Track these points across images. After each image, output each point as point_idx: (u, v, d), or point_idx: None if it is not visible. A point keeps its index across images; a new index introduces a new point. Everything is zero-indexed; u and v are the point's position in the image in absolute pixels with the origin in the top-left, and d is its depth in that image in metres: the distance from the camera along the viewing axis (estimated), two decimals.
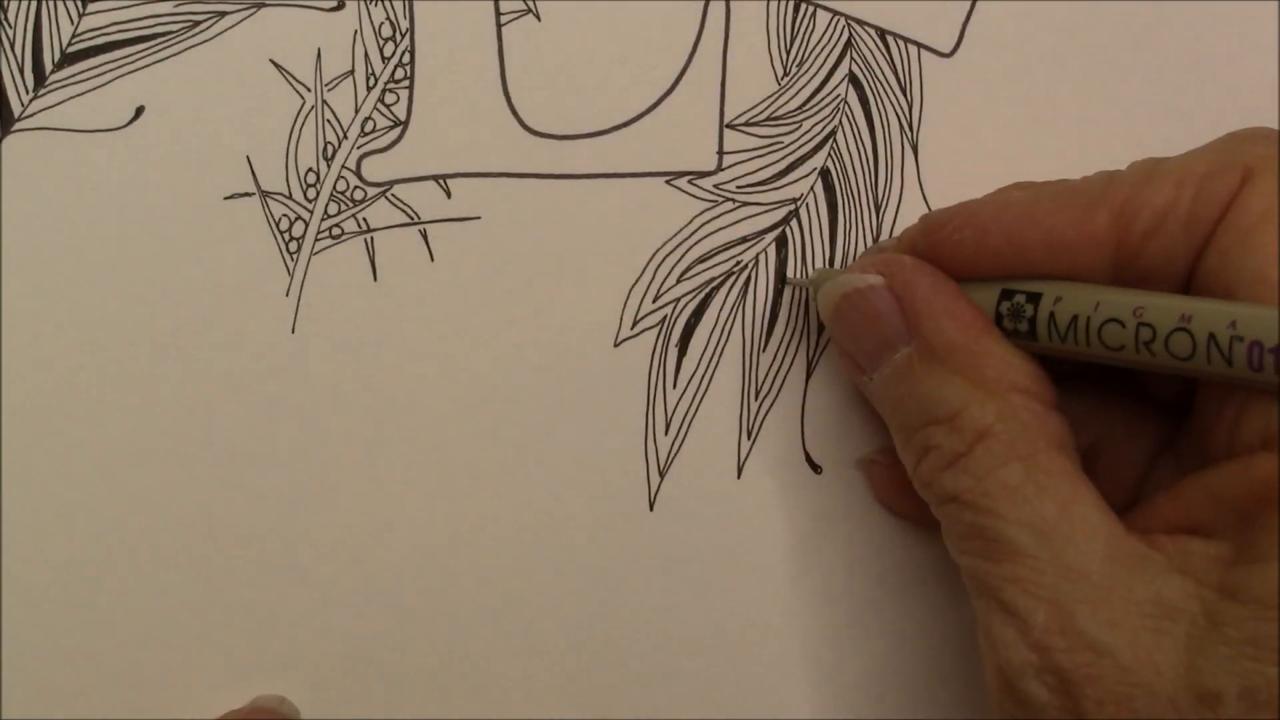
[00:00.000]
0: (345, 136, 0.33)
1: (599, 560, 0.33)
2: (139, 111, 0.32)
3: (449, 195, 0.33)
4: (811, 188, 0.34)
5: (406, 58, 0.33)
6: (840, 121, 0.34)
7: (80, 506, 0.32)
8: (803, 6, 0.34)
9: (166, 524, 0.32)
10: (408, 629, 0.33)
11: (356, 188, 0.33)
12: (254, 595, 0.32)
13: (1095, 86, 0.35)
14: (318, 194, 0.33)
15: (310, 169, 0.33)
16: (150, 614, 0.32)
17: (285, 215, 0.32)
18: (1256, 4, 0.35)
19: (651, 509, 0.34)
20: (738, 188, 0.34)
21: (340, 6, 0.33)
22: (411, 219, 0.33)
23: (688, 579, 0.34)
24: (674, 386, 0.34)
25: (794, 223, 0.34)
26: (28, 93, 0.32)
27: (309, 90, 0.33)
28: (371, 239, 0.33)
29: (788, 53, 0.34)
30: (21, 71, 0.32)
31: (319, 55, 0.33)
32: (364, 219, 0.33)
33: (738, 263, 0.34)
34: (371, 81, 0.33)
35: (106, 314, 0.32)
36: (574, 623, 0.33)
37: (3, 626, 0.32)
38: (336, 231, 0.33)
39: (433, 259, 0.33)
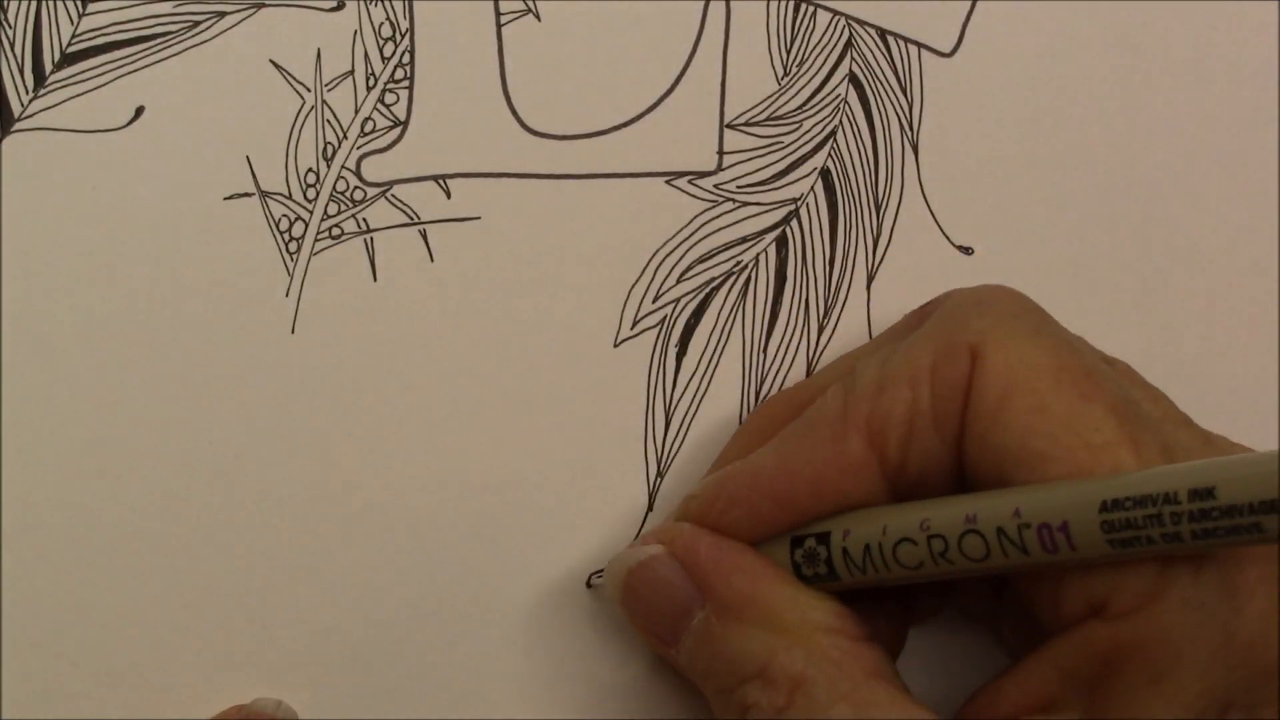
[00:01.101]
0: (345, 137, 0.33)
1: (599, 560, 0.33)
2: (139, 112, 0.32)
3: (449, 195, 0.33)
4: (812, 188, 0.34)
5: (406, 58, 0.33)
6: (840, 121, 0.34)
7: (80, 506, 0.32)
8: (803, 6, 0.34)
9: (166, 524, 0.32)
10: (407, 628, 0.33)
11: (356, 188, 0.33)
12: (253, 595, 0.32)
13: (1095, 86, 0.35)
14: (317, 194, 0.33)
15: (310, 169, 0.33)
16: (150, 614, 0.32)
17: (285, 215, 0.32)
18: (1256, 4, 0.35)
19: (651, 508, 0.33)
20: (738, 188, 0.34)
21: (340, 6, 0.33)
22: (411, 219, 0.33)
23: None
24: (674, 386, 0.34)
25: (794, 223, 0.34)
26: (28, 93, 0.32)
27: (309, 90, 0.33)
28: (371, 239, 0.33)
29: (788, 53, 0.34)
30: (21, 72, 0.32)
31: (319, 55, 0.33)
32: (364, 219, 0.33)
33: (738, 263, 0.34)
34: (371, 81, 0.33)
35: (106, 314, 0.32)
36: (574, 623, 0.33)
37: (3, 626, 0.32)
38: (336, 232, 0.33)
39: (432, 259, 0.33)
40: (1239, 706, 0.26)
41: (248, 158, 0.32)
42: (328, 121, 0.33)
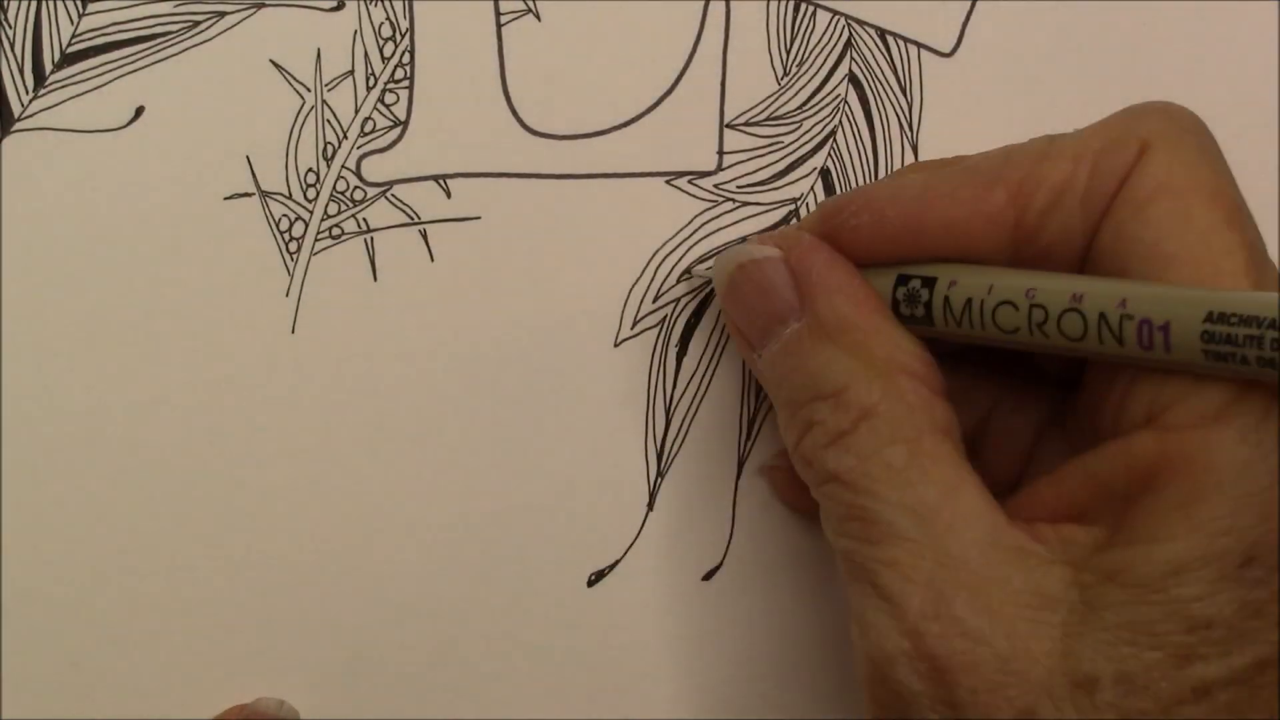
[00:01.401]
0: (345, 136, 0.33)
1: (599, 559, 0.33)
2: (139, 112, 0.32)
3: (449, 195, 0.33)
4: (812, 188, 0.34)
5: (406, 58, 0.33)
6: (840, 121, 0.34)
7: (80, 507, 0.32)
8: (803, 6, 0.34)
9: (166, 524, 0.32)
10: (408, 628, 0.33)
11: (356, 188, 0.33)
12: (254, 596, 0.32)
13: (1095, 86, 0.35)
14: (318, 194, 0.33)
15: (310, 169, 0.33)
16: (150, 614, 0.32)
17: (285, 215, 0.32)
18: (1256, 4, 0.35)
19: (651, 508, 0.34)
20: (738, 188, 0.34)
21: (340, 7, 0.33)
22: (411, 219, 0.33)
23: (687, 577, 0.34)
24: (674, 386, 0.34)
25: (794, 222, 0.34)
26: (28, 93, 0.32)
27: (309, 90, 0.32)
28: (371, 239, 0.33)
29: (788, 52, 0.34)
30: (21, 71, 0.32)
31: (319, 55, 0.33)
32: (364, 219, 0.33)
33: None
34: (371, 81, 0.33)
35: (106, 315, 0.32)
36: (573, 622, 0.33)
37: (2, 626, 0.32)
38: (336, 232, 0.33)
39: (433, 259, 0.33)
40: (1260, 565, 0.25)
41: (248, 157, 0.32)
42: (328, 121, 0.33)
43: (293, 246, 0.33)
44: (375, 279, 0.33)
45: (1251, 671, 0.25)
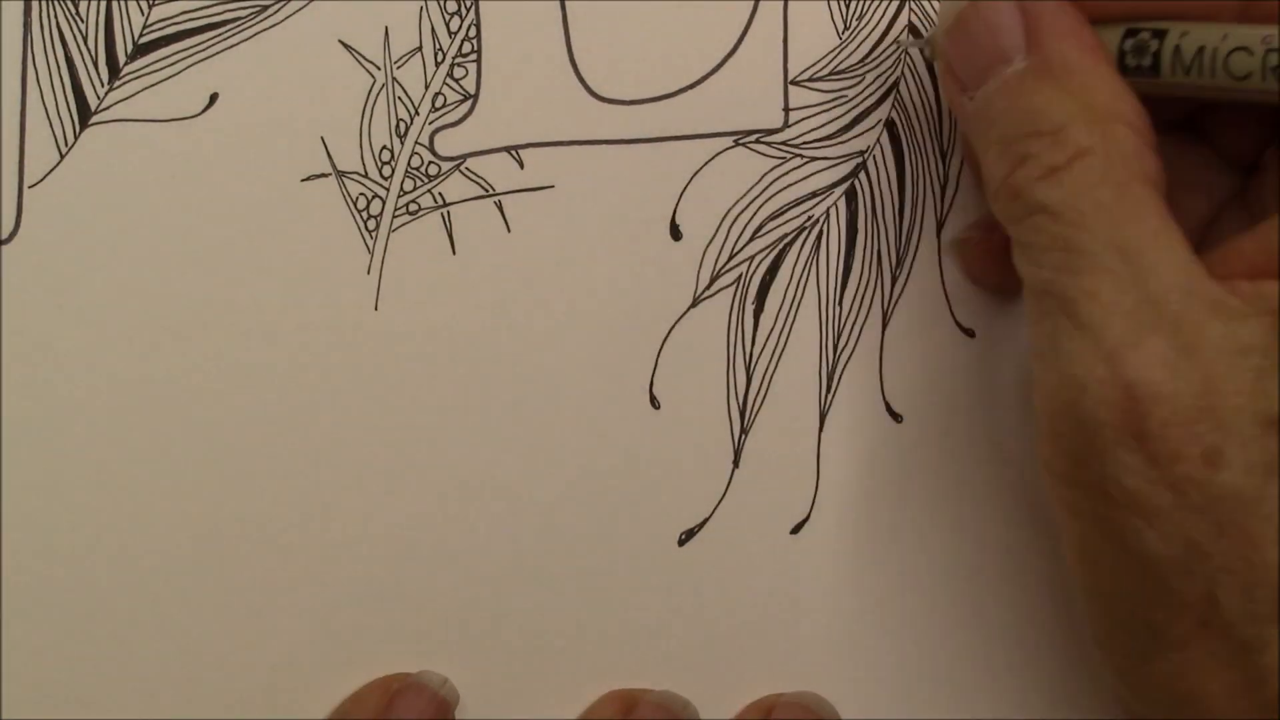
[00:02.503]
0: (417, 113, 0.33)
1: (689, 518, 0.34)
2: (213, 98, 0.32)
3: (521, 166, 0.33)
4: (878, 139, 0.34)
5: (472, 31, 0.33)
6: (903, 72, 0.34)
7: (173, 486, 0.32)
8: None
9: (258, 504, 0.32)
10: (502, 596, 0.33)
11: (431, 163, 0.33)
12: (355, 569, 0.33)
13: None
14: (393, 171, 0.33)
15: (384, 147, 0.33)
16: (244, 601, 0.32)
17: (362, 194, 0.33)
18: None
19: (736, 465, 0.34)
20: (805, 143, 0.34)
21: None
22: (486, 191, 0.33)
23: (776, 532, 0.34)
24: (753, 343, 0.34)
25: (862, 175, 0.34)
26: (104, 85, 0.32)
27: (379, 69, 0.33)
28: (448, 213, 0.33)
29: (847, 6, 0.34)
30: (96, 65, 0.32)
31: (386, 33, 0.33)
32: (439, 193, 0.33)
33: (809, 218, 0.34)
34: (440, 57, 0.33)
35: (192, 302, 0.32)
36: (667, 581, 0.33)
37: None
38: (413, 207, 0.33)
39: (509, 230, 0.33)
40: None
41: (322, 138, 0.33)
42: (399, 98, 0.33)
43: (371, 224, 0.33)
44: (454, 252, 0.33)
45: None
